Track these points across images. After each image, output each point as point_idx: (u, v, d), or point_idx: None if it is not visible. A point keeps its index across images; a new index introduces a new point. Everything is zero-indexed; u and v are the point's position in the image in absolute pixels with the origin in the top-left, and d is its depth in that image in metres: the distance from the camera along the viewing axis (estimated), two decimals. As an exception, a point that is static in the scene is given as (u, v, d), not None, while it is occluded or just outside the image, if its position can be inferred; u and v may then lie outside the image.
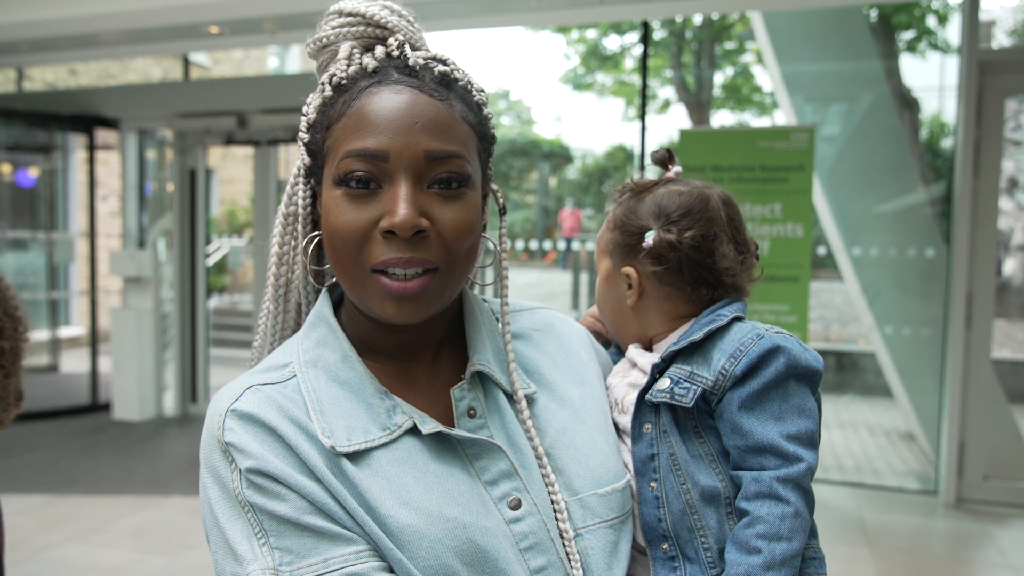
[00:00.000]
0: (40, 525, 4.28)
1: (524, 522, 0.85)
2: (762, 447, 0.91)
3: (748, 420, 0.93)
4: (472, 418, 0.89)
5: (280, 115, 6.28)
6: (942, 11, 9.21)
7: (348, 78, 0.86)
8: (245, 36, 5.43)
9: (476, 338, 0.94)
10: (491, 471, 0.86)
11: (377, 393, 0.86)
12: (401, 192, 0.81)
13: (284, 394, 0.85)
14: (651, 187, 1.11)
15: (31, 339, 1.53)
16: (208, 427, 0.84)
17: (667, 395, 0.97)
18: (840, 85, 6.33)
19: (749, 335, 0.97)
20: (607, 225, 1.14)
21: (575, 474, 0.91)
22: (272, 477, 0.78)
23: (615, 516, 0.91)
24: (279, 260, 0.97)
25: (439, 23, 5.02)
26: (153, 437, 6.16)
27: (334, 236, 0.83)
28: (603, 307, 1.16)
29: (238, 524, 0.79)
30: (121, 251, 6.79)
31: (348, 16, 0.90)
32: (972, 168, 4.60)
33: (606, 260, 1.14)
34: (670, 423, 0.97)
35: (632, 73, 14.37)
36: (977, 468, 4.72)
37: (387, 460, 0.83)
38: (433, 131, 0.82)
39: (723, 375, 0.95)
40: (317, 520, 0.78)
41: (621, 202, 1.13)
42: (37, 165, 8.58)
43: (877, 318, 5.62)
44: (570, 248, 13.13)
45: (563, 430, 0.94)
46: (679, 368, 0.99)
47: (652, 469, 0.97)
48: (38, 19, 5.09)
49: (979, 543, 4.28)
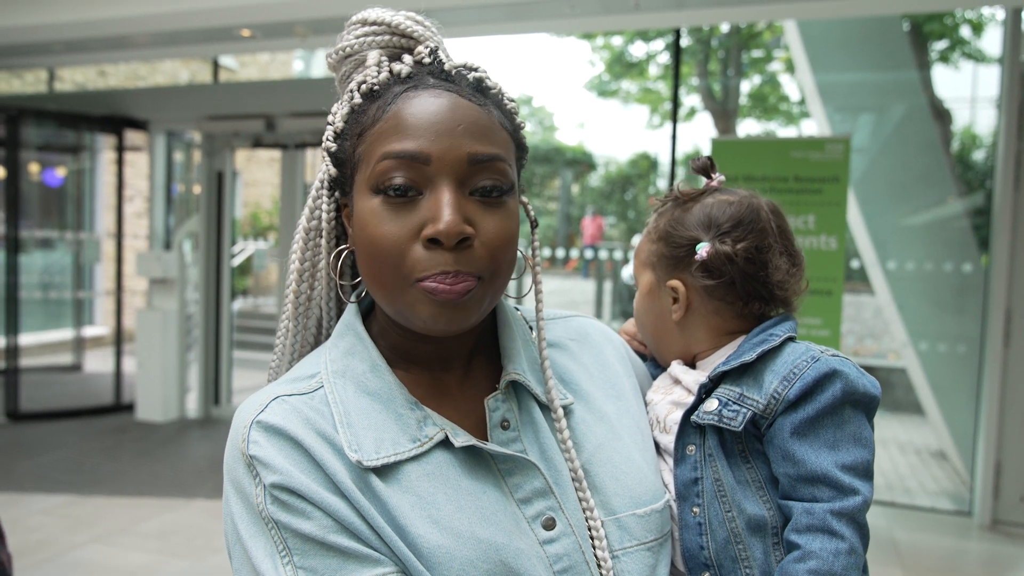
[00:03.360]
0: (64, 525, 4.29)
1: (558, 543, 0.81)
2: (815, 477, 0.86)
3: (801, 448, 0.87)
4: (505, 430, 0.85)
5: (308, 119, 6.30)
6: (976, 20, 9.07)
7: (380, 84, 0.83)
8: (276, 40, 5.44)
9: (510, 347, 0.90)
10: (525, 488, 0.82)
11: (407, 404, 0.83)
12: (445, 197, 0.77)
13: (311, 405, 0.82)
14: (697, 196, 1.05)
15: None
16: (232, 439, 0.81)
17: (714, 417, 0.92)
18: (876, 95, 6.24)
19: (803, 357, 0.91)
20: (648, 236, 1.08)
21: (612, 493, 0.87)
22: (297, 493, 0.75)
23: (653, 538, 0.87)
24: (299, 277, 0.94)
25: (470, 29, 5.00)
26: (176, 439, 6.17)
27: (373, 247, 0.79)
28: (643, 322, 1.10)
29: (261, 541, 0.76)
30: (147, 252, 6.83)
31: (373, 25, 0.88)
32: (1013, 181, 4.50)
33: (648, 273, 1.08)
34: (716, 447, 0.92)
35: (657, 80, 14.31)
36: (1014, 489, 4.60)
37: (417, 475, 0.79)
38: (476, 134, 0.79)
39: (775, 399, 0.89)
40: (343, 539, 0.75)
41: (664, 212, 1.07)
42: (65, 165, 8.66)
43: (911, 333, 5.51)
44: (596, 256, 13.05)
45: (600, 446, 0.89)
46: (728, 389, 0.94)
47: (695, 494, 0.92)
48: (72, 20, 5.13)
49: (1016, 566, 4.17)
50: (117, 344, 7.07)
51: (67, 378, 8.14)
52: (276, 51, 8.94)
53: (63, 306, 8.68)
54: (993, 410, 4.57)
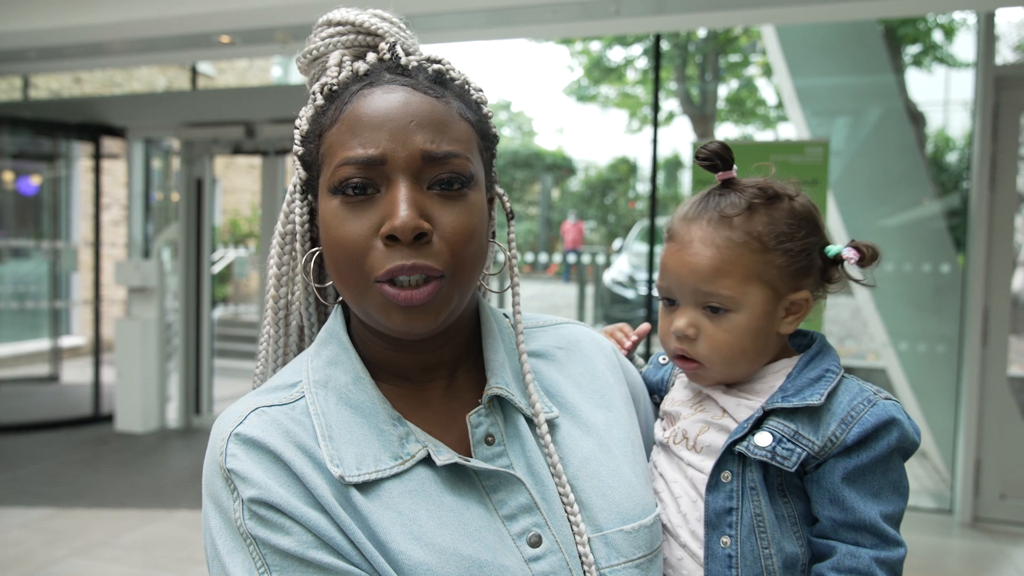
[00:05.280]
0: (44, 539, 4.22)
1: (544, 561, 0.79)
2: (862, 525, 0.86)
3: (851, 494, 0.87)
4: (490, 445, 0.83)
5: (288, 125, 6.22)
6: (948, 25, 9.22)
7: (339, 84, 0.83)
8: (256, 46, 5.40)
9: (494, 358, 0.88)
10: (510, 505, 0.81)
11: (390, 419, 0.81)
12: (400, 194, 0.77)
13: (292, 417, 0.80)
14: (783, 193, 0.95)
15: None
16: (211, 451, 0.79)
17: (768, 454, 0.87)
18: (852, 99, 6.31)
19: (859, 399, 0.89)
20: (743, 248, 0.92)
21: (599, 508, 0.84)
22: (276, 508, 0.74)
23: (642, 555, 0.85)
24: (278, 281, 0.93)
25: (451, 34, 4.99)
26: (157, 449, 6.09)
27: (334, 248, 0.79)
28: (737, 345, 0.94)
29: (239, 557, 0.74)
30: (126, 261, 6.74)
31: (337, 26, 0.87)
32: (988, 183, 4.57)
33: (758, 289, 0.93)
34: (760, 480, 0.89)
35: (636, 85, 14.38)
36: (993, 487, 4.66)
37: (399, 491, 0.78)
38: (429, 129, 0.78)
39: (832, 442, 0.87)
40: (323, 555, 0.73)
41: (754, 215, 0.93)
42: (40, 173, 8.54)
43: (891, 334, 5.58)
44: (577, 260, 13.08)
45: (587, 460, 0.87)
46: (781, 424, 0.89)
47: (728, 524, 0.89)
48: (47, 27, 5.06)
49: (996, 563, 4.22)
50: (96, 354, 6.97)
51: (44, 389, 8.01)
52: (255, 57, 8.89)
53: (39, 316, 8.54)
54: (972, 408, 4.63)
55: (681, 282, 0.95)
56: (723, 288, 0.93)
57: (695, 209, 0.96)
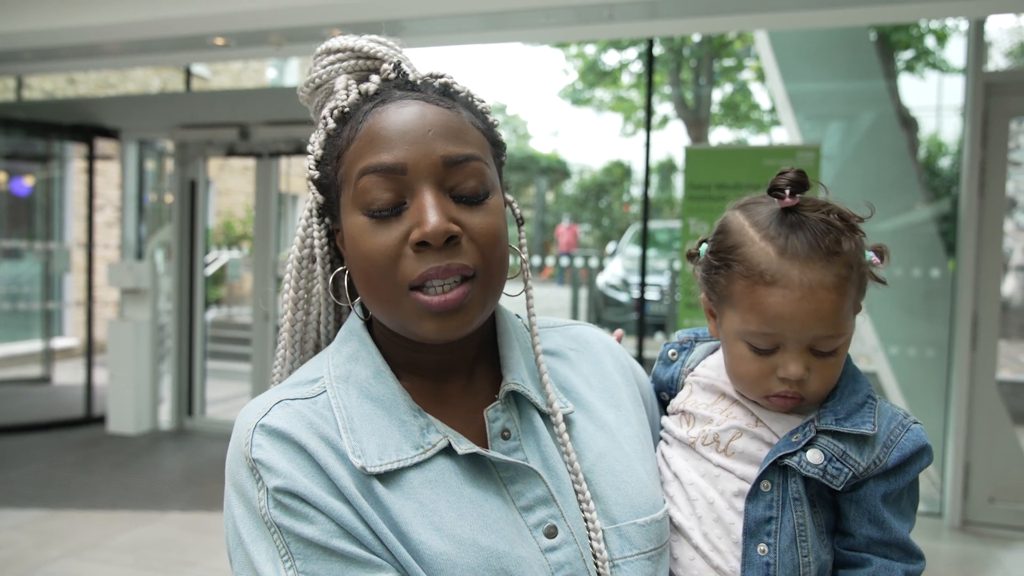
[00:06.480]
0: (36, 540, 4.21)
1: (560, 551, 0.82)
2: (895, 543, 0.93)
3: (889, 515, 0.93)
4: (506, 440, 0.86)
5: (282, 127, 6.25)
6: (941, 31, 9.27)
7: (350, 105, 0.85)
8: (250, 48, 5.40)
9: (510, 356, 0.91)
10: (527, 496, 0.83)
11: (410, 410, 0.84)
12: (426, 201, 0.79)
13: (314, 410, 0.82)
14: (848, 213, 0.96)
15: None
16: (235, 442, 0.81)
17: (819, 472, 0.90)
18: (845, 104, 6.35)
19: (895, 423, 0.94)
20: (849, 283, 0.91)
21: (613, 502, 0.87)
22: (300, 497, 0.76)
23: (653, 548, 0.88)
24: (294, 305, 0.95)
25: (445, 38, 5.00)
26: (149, 451, 6.09)
27: (364, 261, 0.81)
28: (836, 376, 0.95)
29: (263, 545, 0.76)
30: (119, 262, 6.74)
31: (337, 52, 0.91)
32: (977, 188, 4.60)
33: (853, 317, 0.93)
34: (803, 492, 0.93)
35: (630, 89, 14.42)
36: (983, 490, 4.69)
37: (420, 481, 0.80)
38: (447, 137, 0.81)
39: (875, 464, 0.92)
40: (345, 544, 0.75)
41: (848, 245, 0.92)
42: (33, 174, 8.52)
43: (881, 338, 5.60)
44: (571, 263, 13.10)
45: (602, 455, 0.90)
46: (831, 443, 0.92)
47: (767, 533, 0.92)
48: (41, 28, 5.06)
49: (986, 566, 4.24)
50: (88, 355, 6.96)
51: (36, 390, 7.99)
52: (249, 59, 8.89)
53: (32, 317, 8.52)
54: (961, 412, 4.65)
55: (802, 331, 0.90)
56: (845, 329, 0.91)
57: (800, 246, 0.90)
